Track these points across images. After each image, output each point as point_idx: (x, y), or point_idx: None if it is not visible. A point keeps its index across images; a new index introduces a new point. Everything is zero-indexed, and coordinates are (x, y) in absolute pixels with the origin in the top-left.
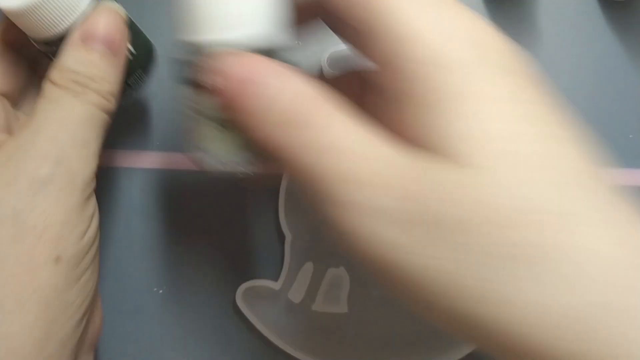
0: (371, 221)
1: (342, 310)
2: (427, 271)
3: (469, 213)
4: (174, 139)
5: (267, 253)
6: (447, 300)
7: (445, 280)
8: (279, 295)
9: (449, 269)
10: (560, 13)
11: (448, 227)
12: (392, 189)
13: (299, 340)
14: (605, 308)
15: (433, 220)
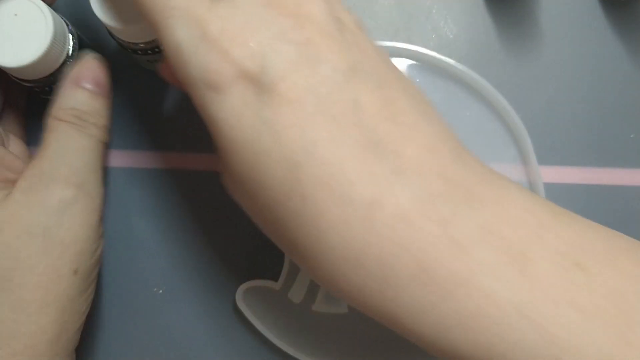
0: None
1: (343, 311)
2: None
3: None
4: (174, 139)
5: (267, 253)
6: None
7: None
8: (279, 295)
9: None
10: (561, 13)
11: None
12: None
13: (299, 340)
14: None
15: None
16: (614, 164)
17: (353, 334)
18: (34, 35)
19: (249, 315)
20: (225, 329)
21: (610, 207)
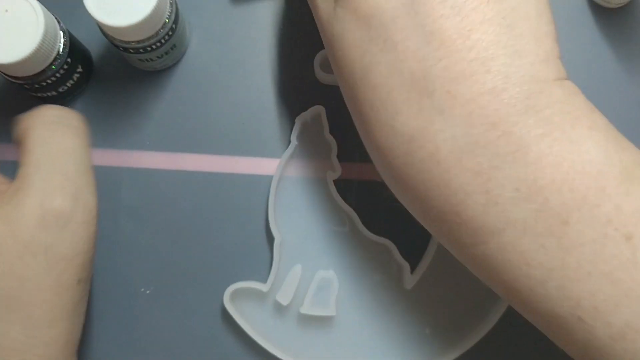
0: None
1: (331, 313)
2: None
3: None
4: (163, 138)
5: (255, 254)
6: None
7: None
8: (267, 297)
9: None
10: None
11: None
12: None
13: (286, 342)
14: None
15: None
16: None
17: (341, 337)
18: (24, 32)
19: (237, 317)
20: (212, 329)
21: None
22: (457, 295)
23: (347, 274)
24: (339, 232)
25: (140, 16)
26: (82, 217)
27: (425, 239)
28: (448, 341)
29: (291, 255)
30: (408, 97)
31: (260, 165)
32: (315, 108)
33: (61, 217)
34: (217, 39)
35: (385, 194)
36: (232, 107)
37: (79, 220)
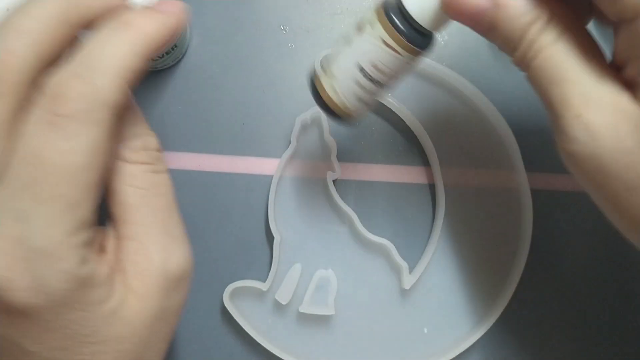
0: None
1: (329, 313)
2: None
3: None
4: (163, 137)
5: (255, 253)
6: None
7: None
8: (267, 296)
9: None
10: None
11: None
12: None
13: (285, 341)
14: None
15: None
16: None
17: (339, 336)
18: None
19: (236, 316)
20: (211, 328)
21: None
22: (454, 296)
23: (346, 273)
24: (338, 232)
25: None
26: (189, 272)
27: (424, 239)
28: (446, 341)
29: (290, 254)
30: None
31: (260, 165)
32: (316, 109)
33: (179, 281)
34: (217, 38)
35: (384, 194)
36: (232, 107)
37: (187, 276)
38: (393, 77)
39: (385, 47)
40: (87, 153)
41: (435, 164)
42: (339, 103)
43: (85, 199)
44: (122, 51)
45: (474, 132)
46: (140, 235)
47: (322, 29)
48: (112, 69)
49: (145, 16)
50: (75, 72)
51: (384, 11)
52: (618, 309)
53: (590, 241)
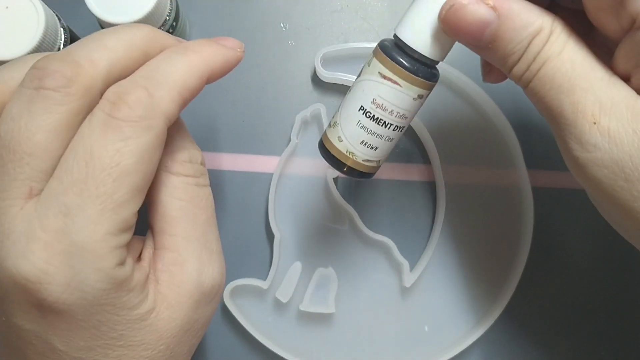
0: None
1: (330, 311)
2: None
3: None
4: None
5: (255, 252)
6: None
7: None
8: (267, 294)
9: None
10: None
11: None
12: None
13: (285, 339)
14: None
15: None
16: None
17: (340, 335)
18: (24, 29)
19: (236, 314)
20: (212, 326)
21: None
22: (455, 294)
23: (346, 271)
24: (339, 230)
25: (141, 13)
26: (223, 287)
27: (425, 237)
28: (446, 339)
29: (291, 252)
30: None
31: (260, 163)
32: (316, 106)
33: (211, 294)
34: (217, 35)
35: (385, 192)
36: (232, 105)
37: (221, 291)
38: (399, 115)
39: (384, 81)
40: (137, 156)
41: (436, 161)
42: (345, 151)
43: (129, 201)
44: (182, 70)
45: (475, 129)
46: (178, 246)
47: (322, 26)
48: (171, 83)
49: (207, 45)
50: (137, 82)
51: (379, 47)
52: (620, 306)
53: (591, 238)
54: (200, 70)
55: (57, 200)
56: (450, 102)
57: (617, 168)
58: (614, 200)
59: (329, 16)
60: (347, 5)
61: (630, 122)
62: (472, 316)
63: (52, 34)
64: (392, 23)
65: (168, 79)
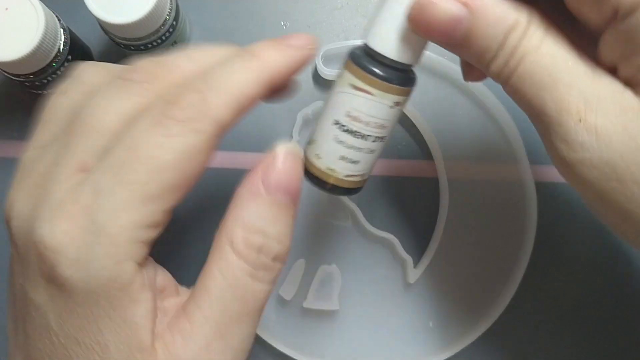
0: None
1: (334, 308)
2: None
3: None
4: None
5: None
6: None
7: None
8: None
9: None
10: None
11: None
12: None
13: (289, 337)
14: None
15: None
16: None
17: (344, 332)
18: (24, 30)
19: None
20: None
21: None
22: (460, 289)
23: (350, 268)
24: (342, 227)
25: (141, 13)
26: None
27: (428, 233)
28: (451, 335)
29: (294, 250)
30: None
31: None
32: (317, 104)
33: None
34: (217, 35)
35: (388, 188)
36: None
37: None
38: (377, 125)
39: (355, 91)
40: (177, 154)
41: (438, 157)
42: (325, 168)
43: (160, 197)
44: (243, 77)
45: (478, 125)
46: (195, 320)
47: (322, 24)
48: (228, 89)
49: (272, 48)
50: (194, 87)
51: (349, 56)
52: (624, 300)
53: (595, 233)
54: (261, 77)
55: (95, 179)
56: (453, 98)
57: (607, 169)
58: (607, 202)
59: (329, 14)
60: (347, 2)
61: (618, 117)
62: (477, 311)
63: (52, 35)
64: None
65: (225, 85)
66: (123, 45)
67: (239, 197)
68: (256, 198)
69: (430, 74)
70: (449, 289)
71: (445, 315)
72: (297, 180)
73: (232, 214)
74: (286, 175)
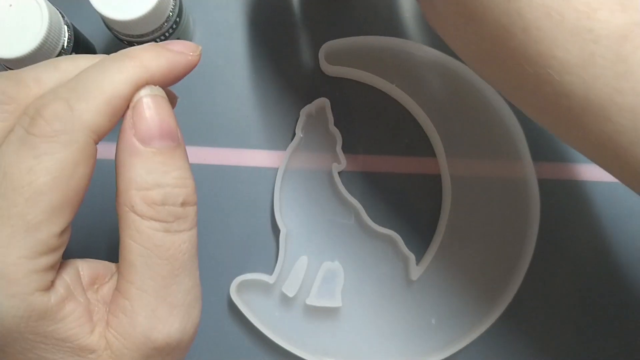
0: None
1: (336, 305)
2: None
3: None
4: None
5: (261, 246)
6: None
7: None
8: (273, 288)
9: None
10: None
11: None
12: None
13: (292, 333)
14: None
15: None
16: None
17: (347, 329)
18: (28, 27)
19: (243, 308)
20: (219, 321)
21: (604, 204)
22: (462, 286)
23: (352, 265)
24: (345, 224)
25: (145, 10)
26: (187, 341)
27: (431, 230)
28: (454, 332)
29: (297, 247)
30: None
31: (265, 158)
32: (320, 100)
33: (166, 350)
34: (220, 32)
35: (390, 185)
36: (237, 100)
37: (183, 345)
38: None
39: None
40: (52, 174)
41: (441, 154)
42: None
43: (46, 222)
44: (115, 78)
45: (481, 122)
46: (132, 296)
47: (324, 20)
48: (97, 93)
49: (149, 50)
50: (59, 95)
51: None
52: (626, 297)
53: (597, 230)
54: (135, 76)
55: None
56: (456, 94)
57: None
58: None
59: (333, 10)
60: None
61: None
62: (479, 309)
63: (55, 32)
64: (400, 17)
65: (94, 88)
66: (127, 42)
67: (121, 163)
68: (137, 155)
69: (434, 70)
70: (451, 286)
71: (448, 313)
72: (169, 120)
73: (122, 181)
74: (157, 120)
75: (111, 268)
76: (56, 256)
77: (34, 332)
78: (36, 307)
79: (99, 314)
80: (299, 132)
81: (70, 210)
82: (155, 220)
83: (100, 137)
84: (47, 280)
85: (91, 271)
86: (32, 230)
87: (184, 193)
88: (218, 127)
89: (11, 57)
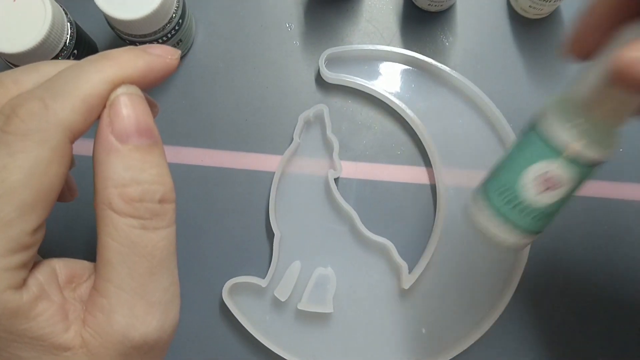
0: None
1: (328, 310)
2: None
3: None
4: (164, 132)
5: (255, 250)
6: None
7: None
8: (266, 292)
9: None
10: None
11: None
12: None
13: (283, 338)
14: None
15: None
16: (603, 177)
17: (337, 334)
18: (31, 23)
19: (235, 311)
20: (210, 323)
21: (598, 220)
22: (454, 296)
23: (345, 272)
24: (339, 231)
25: (148, 10)
26: (165, 340)
27: (424, 239)
28: (444, 342)
29: (290, 251)
30: None
31: (262, 162)
32: (319, 106)
33: (144, 349)
34: (222, 34)
35: (385, 194)
36: (236, 103)
37: (162, 344)
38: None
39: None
40: (25, 172)
41: (436, 164)
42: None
43: (18, 219)
44: (92, 77)
45: (476, 133)
46: (109, 294)
47: (327, 27)
48: (73, 91)
49: (127, 52)
50: (34, 94)
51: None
52: (620, 307)
53: (589, 241)
54: (112, 75)
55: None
56: (453, 105)
57: None
58: None
59: (334, 17)
60: (352, 7)
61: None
62: (470, 319)
63: (58, 29)
64: (398, 27)
65: (70, 87)
66: (129, 41)
67: (98, 161)
68: (114, 153)
69: (431, 81)
70: (443, 296)
71: (439, 322)
72: (146, 118)
73: (99, 179)
74: (134, 118)
75: (89, 267)
76: (29, 254)
77: (6, 330)
78: (8, 305)
79: (75, 313)
80: (296, 137)
81: (43, 208)
82: (132, 217)
83: (77, 135)
84: (19, 278)
85: (68, 270)
86: (4, 227)
87: (161, 190)
88: (216, 130)
89: (13, 52)
